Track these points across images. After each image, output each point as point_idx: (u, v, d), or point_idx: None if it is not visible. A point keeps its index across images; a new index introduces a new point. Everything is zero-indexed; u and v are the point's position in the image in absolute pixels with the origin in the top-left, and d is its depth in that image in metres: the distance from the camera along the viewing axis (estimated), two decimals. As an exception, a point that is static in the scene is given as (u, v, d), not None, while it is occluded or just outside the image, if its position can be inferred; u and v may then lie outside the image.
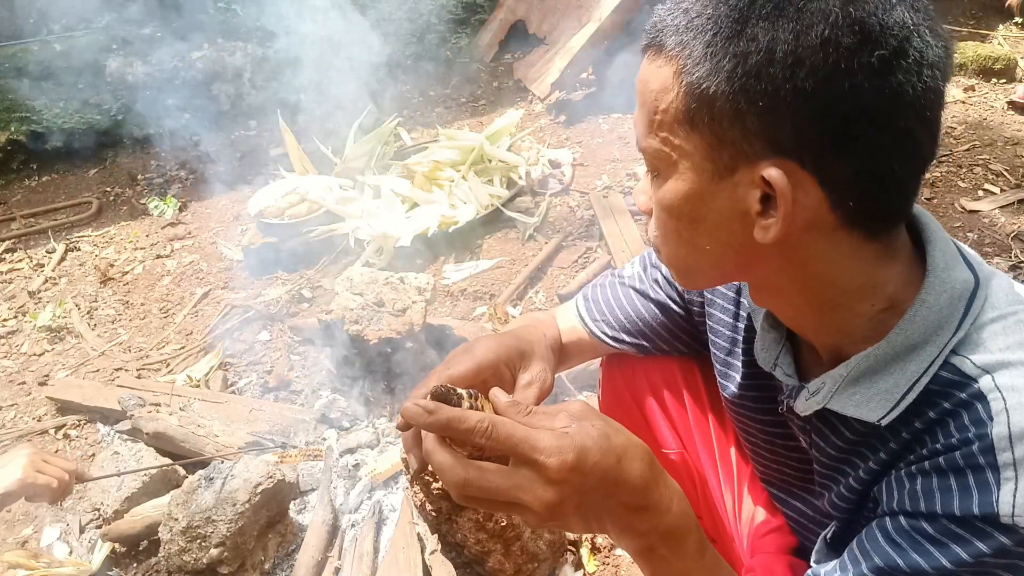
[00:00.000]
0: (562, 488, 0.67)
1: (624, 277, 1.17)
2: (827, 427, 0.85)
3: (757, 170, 0.68)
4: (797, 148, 0.66)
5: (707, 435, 1.19)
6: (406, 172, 3.32)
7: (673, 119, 0.70)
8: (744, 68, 0.64)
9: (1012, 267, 2.71)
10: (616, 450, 0.69)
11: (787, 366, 0.89)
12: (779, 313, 0.86)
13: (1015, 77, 4.19)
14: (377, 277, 2.21)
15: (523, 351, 0.93)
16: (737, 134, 0.67)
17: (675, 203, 0.74)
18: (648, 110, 0.73)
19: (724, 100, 0.66)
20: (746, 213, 0.71)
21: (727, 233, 0.73)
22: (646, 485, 0.71)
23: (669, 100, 0.70)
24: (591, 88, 4.38)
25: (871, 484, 0.80)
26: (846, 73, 0.63)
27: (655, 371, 1.21)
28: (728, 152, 0.69)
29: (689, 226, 0.75)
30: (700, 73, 0.67)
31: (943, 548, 0.67)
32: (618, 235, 2.92)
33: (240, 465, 1.78)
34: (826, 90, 0.63)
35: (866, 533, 0.75)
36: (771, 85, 0.64)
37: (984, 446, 0.66)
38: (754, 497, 1.15)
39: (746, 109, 0.66)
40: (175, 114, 4.42)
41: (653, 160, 0.75)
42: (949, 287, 0.72)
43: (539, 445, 0.67)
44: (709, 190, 0.71)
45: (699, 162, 0.71)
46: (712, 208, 0.72)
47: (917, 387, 0.72)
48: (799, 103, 0.64)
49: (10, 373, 2.66)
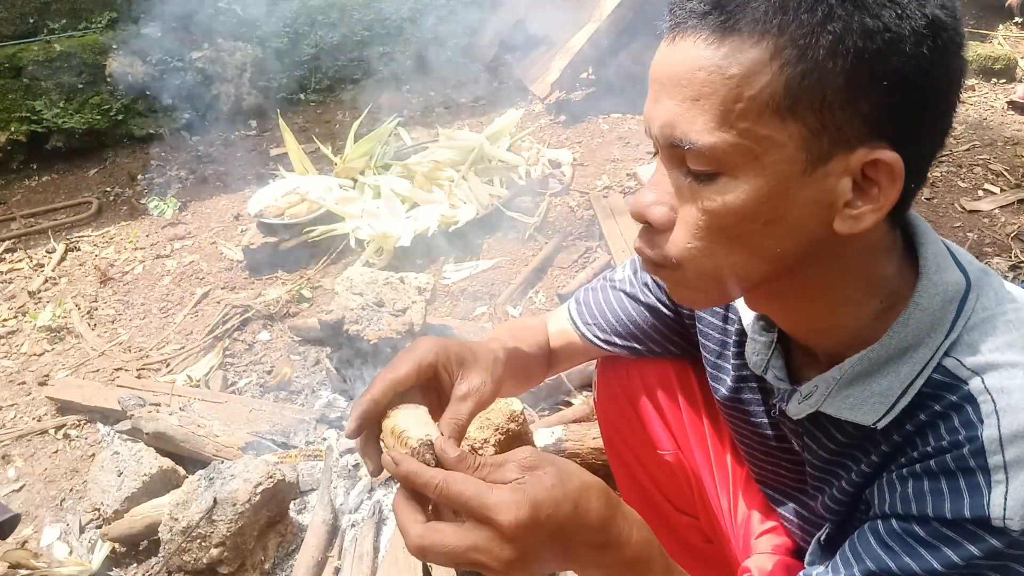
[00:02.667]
0: (519, 544, 0.65)
1: (615, 280, 1.17)
2: (819, 430, 0.84)
3: (855, 156, 0.65)
4: (899, 129, 0.65)
5: (702, 436, 1.19)
6: (406, 172, 3.32)
7: (763, 107, 0.63)
8: (872, 45, 0.61)
9: (1012, 267, 2.71)
10: (570, 497, 0.68)
11: (779, 369, 0.88)
12: (780, 318, 0.84)
13: (1015, 77, 4.19)
14: (377, 277, 2.21)
15: (464, 359, 0.88)
16: (845, 118, 0.63)
17: (751, 205, 0.66)
18: (723, 99, 0.64)
19: (842, 81, 0.62)
20: (831, 205, 0.67)
21: (805, 230, 0.68)
22: (604, 523, 0.70)
23: (760, 85, 0.62)
24: (591, 88, 4.38)
25: (863, 487, 0.80)
26: (949, 51, 0.64)
27: (650, 373, 1.20)
28: (828, 138, 0.64)
29: (762, 228, 0.68)
30: (819, 53, 0.61)
31: (934, 551, 0.67)
32: (618, 235, 2.92)
33: (240, 465, 1.79)
34: (938, 68, 0.64)
35: (858, 536, 0.75)
36: (899, 63, 0.62)
37: (974, 449, 0.66)
38: (749, 498, 1.15)
39: (866, 90, 0.62)
40: (175, 114, 4.43)
41: (721, 158, 0.66)
42: (942, 289, 0.72)
43: (490, 502, 0.65)
44: (798, 183, 0.65)
45: (792, 153, 0.64)
46: (796, 203, 0.66)
47: (912, 390, 0.72)
48: (918, 82, 0.63)
49: (10, 373, 2.66)
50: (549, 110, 4.28)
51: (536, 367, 1.17)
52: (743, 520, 1.14)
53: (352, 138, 3.46)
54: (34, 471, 2.24)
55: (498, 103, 4.37)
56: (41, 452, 2.30)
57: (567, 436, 1.95)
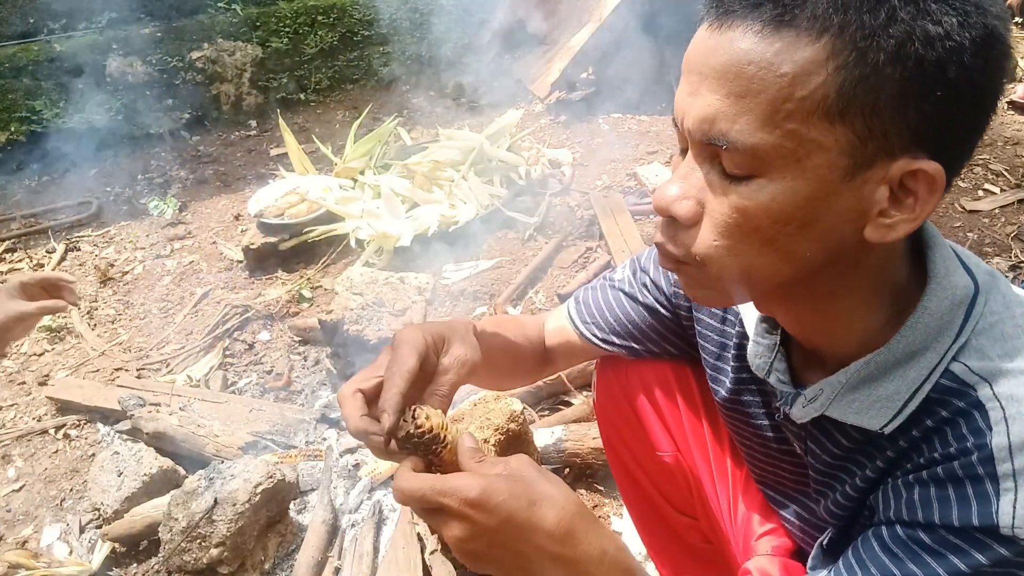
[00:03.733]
0: (466, 523, 0.71)
1: (615, 280, 1.17)
2: (823, 434, 0.84)
3: (896, 165, 0.63)
4: (941, 139, 0.63)
5: (701, 437, 1.19)
6: (406, 172, 3.32)
7: (814, 109, 0.60)
8: (935, 54, 0.58)
9: (1012, 267, 2.71)
10: (530, 495, 0.72)
11: (782, 372, 0.87)
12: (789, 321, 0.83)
13: (1015, 77, 4.19)
14: (377, 277, 2.21)
15: (444, 335, 0.91)
16: (893, 126, 0.61)
17: (786, 208, 0.64)
18: (772, 98, 0.61)
19: (898, 87, 0.59)
20: (865, 213, 0.65)
21: (835, 236, 0.66)
22: (565, 534, 0.72)
23: (813, 86, 0.59)
24: (591, 88, 4.38)
25: (868, 492, 0.79)
26: (1000, 65, 0.62)
27: (649, 373, 1.20)
28: (873, 146, 0.62)
29: (796, 232, 0.65)
30: (880, 57, 0.58)
31: (940, 558, 0.67)
32: (618, 235, 2.92)
33: (240, 465, 1.79)
34: (988, 80, 0.61)
35: (862, 542, 0.74)
36: (956, 72, 0.59)
37: (983, 456, 0.65)
38: (749, 499, 1.15)
39: (920, 99, 0.60)
40: (175, 114, 4.43)
41: (762, 158, 0.63)
42: (950, 293, 0.71)
43: (452, 483, 0.72)
44: (836, 189, 0.63)
45: (835, 158, 0.62)
46: (832, 209, 0.64)
47: (919, 394, 0.71)
48: (969, 93, 0.61)
49: (10, 373, 2.66)
50: (549, 110, 4.28)
51: (524, 356, 1.17)
52: (743, 521, 1.14)
53: (352, 138, 3.46)
54: (34, 471, 2.24)
55: (498, 103, 4.37)
56: (41, 452, 2.30)
57: (567, 436, 1.95)
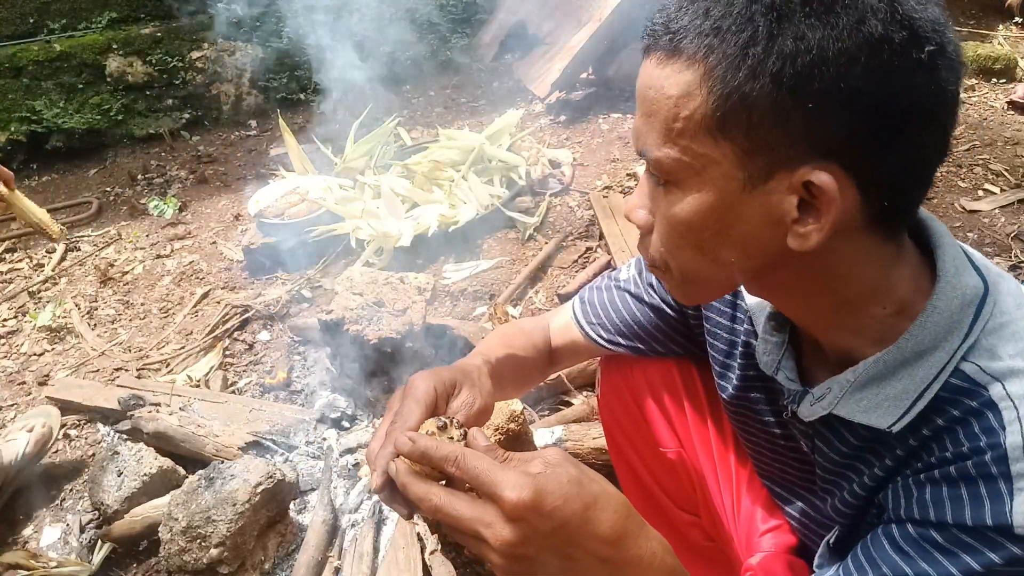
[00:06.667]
0: (520, 528, 0.65)
1: (620, 280, 1.17)
2: (831, 432, 0.84)
3: (797, 175, 0.65)
4: (843, 149, 0.64)
5: (705, 436, 1.19)
6: (406, 172, 3.32)
7: (699, 126, 0.66)
8: (793, 68, 0.61)
9: (1012, 267, 2.71)
10: (584, 497, 0.67)
11: (790, 370, 0.88)
12: (788, 310, 0.84)
13: (1015, 77, 4.19)
14: (377, 277, 2.21)
15: (456, 380, 0.92)
16: (777, 138, 0.64)
17: (697, 216, 0.70)
18: (665, 118, 0.68)
19: (767, 103, 0.63)
20: (780, 221, 0.68)
21: (756, 243, 0.70)
22: (617, 537, 0.68)
23: (694, 106, 0.66)
24: (591, 88, 4.38)
25: (876, 490, 0.79)
26: (899, 70, 0.62)
27: (653, 372, 1.21)
28: (764, 158, 0.66)
29: (713, 238, 0.71)
30: (739, 77, 0.63)
31: (952, 557, 0.67)
32: (618, 235, 2.92)
33: (240, 465, 1.78)
34: (879, 88, 0.62)
35: (872, 540, 0.74)
36: (822, 85, 0.61)
37: (997, 456, 0.66)
38: (753, 497, 1.15)
39: (792, 112, 0.63)
40: (175, 114, 4.43)
41: (669, 171, 0.70)
42: (960, 292, 0.72)
43: (499, 479, 0.66)
44: (740, 200, 0.68)
45: (728, 170, 0.67)
46: (742, 218, 0.69)
47: (928, 393, 0.71)
48: (851, 102, 0.62)
49: (10, 373, 2.66)
50: (549, 110, 4.28)
51: (533, 369, 1.19)
52: (746, 518, 1.14)
53: (352, 138, 3.46)
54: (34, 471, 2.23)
55: (498, 103, 4.37)
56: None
57: (567, 436, 1.95)
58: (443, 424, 0.78)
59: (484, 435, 0.75)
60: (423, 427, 0.80)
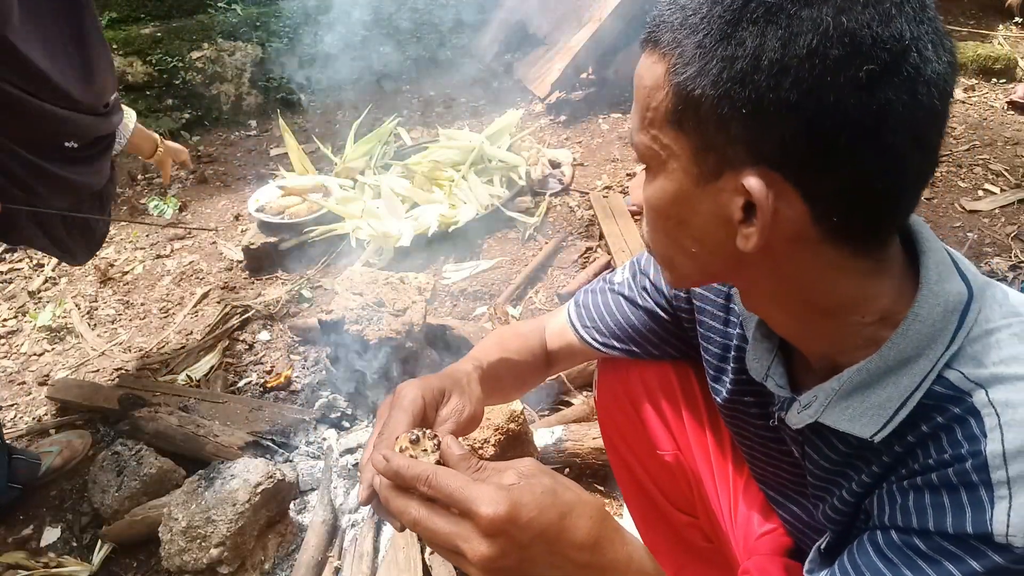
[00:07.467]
0: (497, 542, 0.66)
1: (614, 284, 1.17)
2: (820, 440, 0.84)
3: (740, 177, 0.66)
4: (780, 159, 0.64)
5: (702, 438, 1.19)
6: (406, 172, 3.32)
7: (663, 118, 0.69)
8: (730, 73, 0.63)
9: (1012, 267, 2.71)
10: (559, 507, 0.68)
11: (779, 377, 0.88)
12: (770, 319, 0.84)
13: (1015, 77, 4.20)
14: (377, 277, 2.21)
15: (444, 388, 0.92)
16: (721, 140, 0.66)
17: (662, 202, 0.74)
18: (641, 106, 0.72)
19: (709, 104, 0.65)
20: (729, 220, 0.69)
21: (712, 238, 0.72)
22: (595, 543, 0.69)
23: (660, 98, 0.69)
24: (591, 88, 4.38)
25: (864, 497, 0.79)
26: (831, 86, 0.60)
27: (650, 374, 1.21)
28: (713, 157, 0.67)
29: (676, 227, 0.75)
30: (688, 74, 0.65)
31: (935, 565, 0.67)
32: (618, 235, 2.92)
33: (240, 465, 1.79)
34: (810, 102, 0.61)
35: (857, 547, 0.74)
36: (755, 93, 0.62)
37: (978, 463, 0.65)
38: (749, 499, 1.15)
39: (730, 115, 0.64)
40: (175, 114, 4.43)
41: (642, 157, 0.75)
42: (943, 300, 0.71)
43: (473, 496, 0.67)
44: (695, 193, 0.70)
45: (686, 164, 0.70)
46: (697, 212, 0.71)
47: (911, 402, 0.71)
48: (782, 113, 0.62)
49: (10, 373, 2.66)
50: (549, 110, 4.28)
51: (530, 372, 1.19)
52: (743, 521, 1.14)
53: (352, 138, 3.46)
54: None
55: (498, 103, 4.37)
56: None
57: (567, 436, 1.95)
58: (415, 438, 0.77)
59: (459, 443, 0.75)
60: (397, 443, 0.79)
